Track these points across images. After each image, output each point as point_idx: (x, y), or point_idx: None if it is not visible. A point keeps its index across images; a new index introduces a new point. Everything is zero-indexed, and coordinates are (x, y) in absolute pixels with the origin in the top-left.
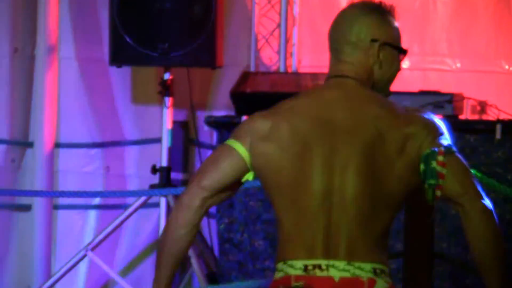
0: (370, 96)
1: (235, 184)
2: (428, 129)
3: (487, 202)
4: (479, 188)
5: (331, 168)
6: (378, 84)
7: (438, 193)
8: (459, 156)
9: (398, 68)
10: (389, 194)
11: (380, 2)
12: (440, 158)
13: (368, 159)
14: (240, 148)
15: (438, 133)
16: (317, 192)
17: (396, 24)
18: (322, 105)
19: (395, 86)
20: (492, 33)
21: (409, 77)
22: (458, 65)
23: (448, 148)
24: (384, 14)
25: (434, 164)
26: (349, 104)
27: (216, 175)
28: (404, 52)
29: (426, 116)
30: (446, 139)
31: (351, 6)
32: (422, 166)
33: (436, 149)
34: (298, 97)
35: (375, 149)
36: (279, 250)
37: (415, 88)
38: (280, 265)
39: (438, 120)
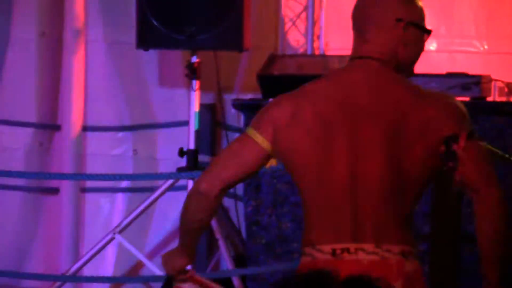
0: (393, 79)
1: (256, 171)
2: (450, 112)
3: (500, 192)
4: (495, 177)
5: (355, 151)
6: (402, 64)
7: (458, 177)
8: (480, 142)
9: (422, 49)
10: (411, 176)
11: None
12: (461, 142)
13: (391, 142)
14: (260, 139)
15: (460, 117)
16: (343, 176)
17: (420, 3)
18: (345, 88)
19: (422, 68)
20: None
21: (436, 59)
22: (486, 47)
23: (470, 133)
24: None
25: (455, 147)
26: (372, 87)
27: (237, 168)
28: (428, 32)
29: (449, 99)
30: (469, 124)
31: None
32: (442, 148)
33: (457, 133)
34: (321, 79)
35: (397, 132)
36: (306, 234)
37: (442, 70)
38: (308, 249)
39: (461, 104)
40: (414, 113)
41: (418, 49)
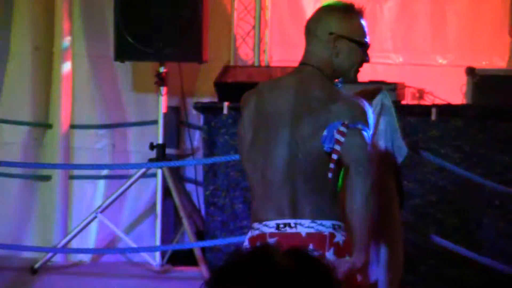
0: (316, 83)
1: None
2: (347, 108)
3: (367, 175)
4: (367, 161)
5: (288, 144)
6: (338, 71)
7: (334, 156)
8: (364, 133)
9: (356, 59)
10: (320, 161)
11: (350, 3)
12: (342, 128)
13: (303, 135)
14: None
15: (352, 112)
16: (280, 165)
17: (361, 22)
18: (282, 88)
19: None
20: (429, 32)
21: (361, 69)
22: (401, 59)
23: (354, 124)
24: (348, 12)
25: (334, 132)
26: (300, 89)
27: None
28: (361, 45)
29: (354, 99)
30: (358, 118)
31: (324, 5)
32: (324, 132)
33: (341, 122)
34: (269, 81)
35: (308, 125)
36: (254, 212)
37: (365, 78)
38: (256, 225)
39: (364, 104)
40: (322, 109)
41: (352, 59)
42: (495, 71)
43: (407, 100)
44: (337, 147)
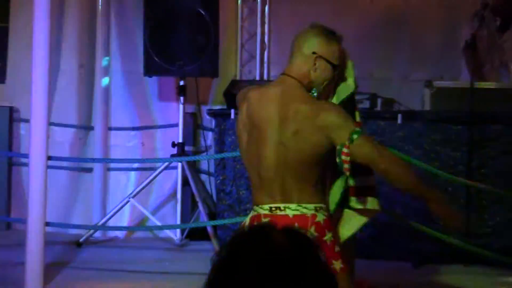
0: (297, 93)
1: None
2: (334, 125)
3: (381, 158)
4: (376, 152)
5: (277, 143)
6: (313, 83)
7: (346, 166)
8: (361, 136)
9: (328, 76)
10: (310, 161)
11: (332, 30)
12: (345, 150)
13: (293, 139)
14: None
15: (341, 127)
16: (270, 162)
17: (337, 46)
18: (268, 96)
19: None
20: (398, 52)
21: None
22: (374, 75)
23: (351, 138)
24: (330, 38)
25: (340, 157)
26: (283, 97)
27: None
28: (334, 66)
29: (330, 110)
30: (348, 130)
31: (311, 27)
32: (337, 160)
33: (341, 146)
34: (258, 88)
35: (291, 128)
36: (253, 198)
37: None
38: (254, 207)
39: (338, 111)
40: (306, 121)
41: (325, 75)
42: (448, 84)
43: (378, 107)
44: (346, 165)
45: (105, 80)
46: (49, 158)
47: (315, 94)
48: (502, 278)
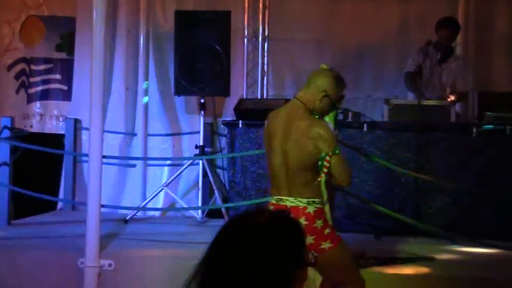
0: (301, 114)
1: None
2: (322, 137)
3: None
4: (344, 169)
5: (283, 150)
6: (317, 110)
7: (325, 170)
8: (339, 155)
9: (328, 109)
10: (305, 165)
11: (341, 77)
12: (328, 158)
13: (293, 148)
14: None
15: (327, 141)
16: (277, 165)
17: (342, 90)
18: (281, 115)
19: None
20: (361, 76)
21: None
22: (346, 95)
23: (333, 152)
24: (339, 83)
25: (322, 161)
26: (292, 116)
27: None
28: (335, 107)
29: (321, 127)
30: (332, 145)
31: (328, 69)
32: (320, 162)
33: (325, 153)
34: (276, 109)
35: (292, 141)
36: (270, 190)
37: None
38: (270, 197)
39: (327, 129)
40: (303, 136)
41: (326, 108)
42: (402, 101)
43: (349, 119)
44: (325, 169)
45: (145, 99)
46: (104, 157)
47: (317, 116)
48: (442, 246)
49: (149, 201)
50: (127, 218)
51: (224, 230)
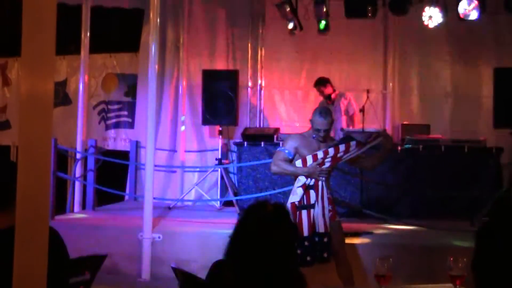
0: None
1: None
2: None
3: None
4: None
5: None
6: (312, 129)
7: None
8: (278, 150)
9: (313, 130)
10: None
11: (328, 110)
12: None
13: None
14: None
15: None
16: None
17: (327, 118)
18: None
19: None
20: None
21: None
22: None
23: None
24: (322, 115)
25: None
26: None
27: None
28: (317, 129)
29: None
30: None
31: (320, 107)
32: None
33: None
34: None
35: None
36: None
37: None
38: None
39: (293, 135)
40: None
41: (313, 131)
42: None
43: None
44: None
45: (183, 127)
46: (155, 165)
47: (314, 136)
48: (384, 225)
49: (185, 195)
50: (170, 206)
51: (245, 215)
